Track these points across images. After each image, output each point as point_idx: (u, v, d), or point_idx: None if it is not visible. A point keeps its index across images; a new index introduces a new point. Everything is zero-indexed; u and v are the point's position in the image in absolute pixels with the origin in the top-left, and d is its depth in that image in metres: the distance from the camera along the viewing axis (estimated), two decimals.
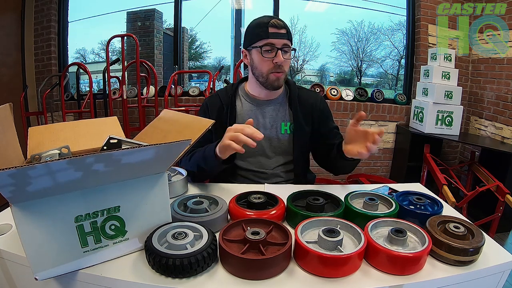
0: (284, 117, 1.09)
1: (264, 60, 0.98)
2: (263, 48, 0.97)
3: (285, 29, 0.97)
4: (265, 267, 0.52)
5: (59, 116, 2.77)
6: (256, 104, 1.09)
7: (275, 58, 0.97)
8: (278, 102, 1.09)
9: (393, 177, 2.89)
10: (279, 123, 1.08)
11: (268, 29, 0.96)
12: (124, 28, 3.17)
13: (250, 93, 1.10)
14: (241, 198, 0.77)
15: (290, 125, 1.08)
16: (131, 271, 0.54)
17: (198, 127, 0.74)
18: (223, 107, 1.07)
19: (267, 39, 0.96)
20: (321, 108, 1.10)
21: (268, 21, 0.96)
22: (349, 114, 2.81)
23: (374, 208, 0.72)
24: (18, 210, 0.45)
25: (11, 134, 0.68)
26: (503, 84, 2.39)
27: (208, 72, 2.58)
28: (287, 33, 0.98)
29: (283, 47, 0.97)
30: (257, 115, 1.08)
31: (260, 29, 0.97)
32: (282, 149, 1.09)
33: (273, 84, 1.01)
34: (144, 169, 0.55)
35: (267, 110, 1.08)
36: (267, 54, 0.98)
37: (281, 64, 0.98)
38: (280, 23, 0.96)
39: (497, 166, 2.14)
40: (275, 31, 0.96)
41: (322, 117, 1.10)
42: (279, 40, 0.96)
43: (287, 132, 1.08)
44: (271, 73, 0.99)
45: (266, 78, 1.01)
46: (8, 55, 2.74)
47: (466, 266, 0.57)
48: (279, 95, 1.10)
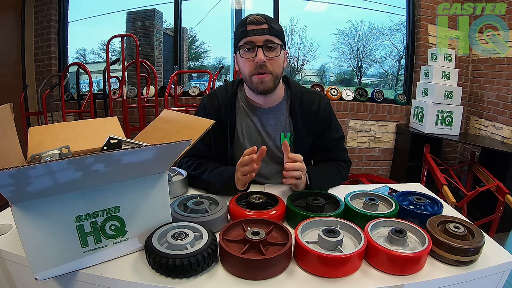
0: (284, 127, 1.01)
1: (245, 61, 0.90)
2: (242, 48, 0.89)
3: (267, 24, 0.87)
4: (265, 267, 0.52)
5: (59, 116, 2.77)
6: (254, 111, 1.01)
7: (255, 57, 0.87)
8: (278, 110, 1.01)
9: (393, 177, 2.89)
10: (278, 134, 1.01)
11: (246, 27, 0.87)
12: (124, 28, 3.18)
13: (249, 98, 1.01)
14: (241, 198, 0.77)
15: (290, 136, 1.01)
16: (131, 271, 0.54)
17: (198, 127, 0.74)
18: (221, 109, 0.99)
19: (246, 37, 0.87)
20: (324, 117, 1.01)
21: (247, 18, 0.88)
22: (349, 114, 2.82)
23: (374, 208, 0.71)
24: (18, 210, 0.45)
25: (11, 134, 0.68)
26: (503, 84, 2.39)
27: (208, 72, 2.57)
28: (270, 28, 0.87)
29: (265, 43, 0.87)
30: (256, 122, 1.01)
31: (240, 28, 0.89)
32: (280, 159, 1.00)
33: (257, 88, 0.90)
34: (144, 169, 0.55)
35: (266, 118, 1.00)
36: (247, 53, 0.89)
37: (263, 63, 0.88)
38: (259, 19, 0.87)
39: (497, 166, 2.14)
40: (254, 27, 0.87)
41: (324, 125, 1.01)
42: (259, 37, 0.87)
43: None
44: (253, 75, 0.90)
45: (250, 81, 0.91)
46: (8, 55, 2.74)
47: (466, 266, 0.57)
48: (279, 102, 1.01)
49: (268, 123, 1.01)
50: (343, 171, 1.01)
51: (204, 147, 1.01)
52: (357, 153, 2.91)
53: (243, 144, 1.02)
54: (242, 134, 1.02)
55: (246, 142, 1.02)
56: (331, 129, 1.03)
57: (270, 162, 1.04)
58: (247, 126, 1.02)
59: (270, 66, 0.89)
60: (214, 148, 1.02)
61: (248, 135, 1.02)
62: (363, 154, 2.92)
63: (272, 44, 0.88)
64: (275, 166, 1.05)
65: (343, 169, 1.02)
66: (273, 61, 0.90)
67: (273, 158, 1.04)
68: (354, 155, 2.89)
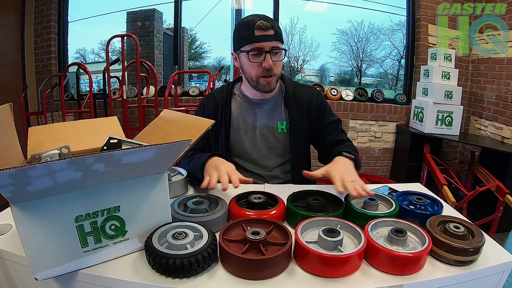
0: (280, 116, 1.06)
1: (253, 65, 0.95)
2: (250, 53, 0.93)
3: (273, 29, 0.92)
4: (265, 267, 0.52)
5: (59, 116, 2.78)
6: (251, 103, 1.07)
7: (264, 62, 0.92)
8: (274, 101, 1.07)
9: (393, 177, 2.89)
10: (275, 123, 1.06)
11: (254, 32, 0.90)
12: (124, 28, 3.18)
13: (245, 93, 1.08)
14: (241, 198, 0.77)
15: (286, 124, 1.06)
16: (131, 271, 0.54)
17: (198, 127, 0.74)
18: (218, 107, 1.06)
19: (254, 43, 0.91)
20: (318, 104, 1.06)
21: (254, 23, 0.90)
22: (349, 114, 2.82)
23: (374, 208, 0.71)
24: (18, 210, 0.45)
25: (11, 134, 0.68)
26: (503, 84, 2.39)
27: (208, 72, 2.57)
28: (275, 34, 0.92)
29: (272, 49, 0.92)
30: (253, 115, 1.07)
31: (246, 32, 0.92)
32: (279, 149, 1.08)
33: (264, 88, 0.98)
34: (144, 169, 0.55)
35: (263, 109, 1.07)
36: (255, 58, 0.93)
37: (271, 67, 0.94)
38: (266, 24, 0.90)
39: (497, 166, 2.14)
40: (262, 33, 0.90)
41: (319, 113, 1.07)
42: (267, 43, 0.91)
43: (284, 131, 1.07)
44: (260, 78, 0.96)
45: (256, 82, 0.98)
46: (8, 55, 2.74)
47: (466, 266, 0.57)
48: (274, 94, 1.07)
49: (264, 113, 1.07)
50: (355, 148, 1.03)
51: (203, 141, 1.06)
52: None
53: (241, 136, 1.07)
54: (239, 127, 1.07)
55: (243, 133, 1.07)
56: (326, 113, 1.08)
57: (269, 154, 1.08)
58: (243, 119, 1.07)
59: (275, 69, 0.96)
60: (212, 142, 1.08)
61: (245, 127, 1.07)
62: (363, 154, 2.92)
63: (278, 50, 0.94)
64: (274, 158, 1.09)
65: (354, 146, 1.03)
66: (277, 64, 0.96)
67: (271, 149, 1.08)
68: None
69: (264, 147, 1.07)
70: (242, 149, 1.07)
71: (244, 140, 1.07)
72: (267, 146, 1.07)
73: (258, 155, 1.08)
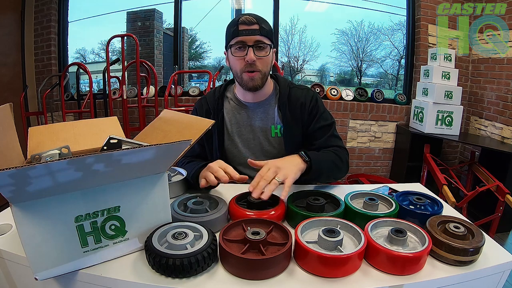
0: (274, 120, 1.04)
1: (236, 59, 0.94)
2: (233, 47, 0.93)
3: (258, 24, 0.91)
4: (265, 267, 0.52)
5: (59, 116, 2.77)
6: (244, 107, 1.05)
7: (246, 56, 0.92)
8: (267, 104, 1.05)
9: (393, 177, 2.89)
10: (269, 126, 1.04)
11: (238, 27, 0.91)
12: (124, 28, 3.18)
13: (238, 95, 1.06)
14: (241, 198, 0.77)
15: (280, 128, 1.04)
16: (131, 271, 0.54)
17: (198, 127, 0.74)
18: (210, 111, 1.05)
19: (237, 37, 0.91)
20: (310, 107, 1.04)
21: (239, 18, 0.92)
22: (349, 114, 2.82)
23: (374, 208, 0.71)
24: (18, 210, 0.45)
25: (11, 134, 0.68)
26: (503, 84, 2.39)
27: (208, 72, 2.58)
28: (261, 29, 0.92)
29: (255, 43, 0.92)
30: (246, 118, 1.05)
31: (232, 27, 0.93)
32: (274, 153, 1.05)
33: (247, 84, 0.96)
34: (144, 169, 0.55)
35: (256, 113, 1.05)
36: (238, 52, 0.93)
37: (253, 62, 0.92)
38: (251, 19, 0.91)
39: (497, 166, 2.14)
40: (245, 28, 0.91)
41: (311, 116, 1.04)
42: (250, 37, 0.91)
43: (278, 135, 1.04)
44: (243, 72, 0.95)
45: (240, 78, 0.97)
46: (8, 55, 2.74)
47: (466, 266, 0.57)
48: (267, 96, 1.05)
49: (258, 116, 1.05)
50: (341, 155, 1.00)
51: (198, 146, 1.06)
52: (357, 153, 2.91)
53: (234, 140, 1.06)
54: (233, 130, 1.06)
55: (236, 137, 1.06)
56: (319, 118, 1.04)
57: (263, 157, 1.05)
58: (237, 123, 1.06)
59: (260, 64, 0.94)
60: (207, 147, 1.07)
61: (239, 131, 1.06)
62: (363, 154, 2.92)
63: (262, 44, 0.93)
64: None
65: (340, 153, 1.00)
66: (262, 60, 0.94)
67: (264, 152, 1.06)
68: (354, 155, 2.89)
69: (258, 150, 1.05)
70: (236, 153, 1.06)
71: (238, 144, 1.05)
72: (262, 149, 1.05)
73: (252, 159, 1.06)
